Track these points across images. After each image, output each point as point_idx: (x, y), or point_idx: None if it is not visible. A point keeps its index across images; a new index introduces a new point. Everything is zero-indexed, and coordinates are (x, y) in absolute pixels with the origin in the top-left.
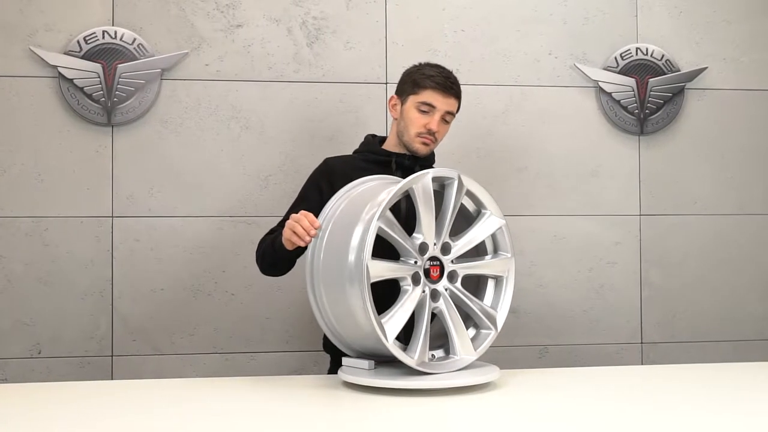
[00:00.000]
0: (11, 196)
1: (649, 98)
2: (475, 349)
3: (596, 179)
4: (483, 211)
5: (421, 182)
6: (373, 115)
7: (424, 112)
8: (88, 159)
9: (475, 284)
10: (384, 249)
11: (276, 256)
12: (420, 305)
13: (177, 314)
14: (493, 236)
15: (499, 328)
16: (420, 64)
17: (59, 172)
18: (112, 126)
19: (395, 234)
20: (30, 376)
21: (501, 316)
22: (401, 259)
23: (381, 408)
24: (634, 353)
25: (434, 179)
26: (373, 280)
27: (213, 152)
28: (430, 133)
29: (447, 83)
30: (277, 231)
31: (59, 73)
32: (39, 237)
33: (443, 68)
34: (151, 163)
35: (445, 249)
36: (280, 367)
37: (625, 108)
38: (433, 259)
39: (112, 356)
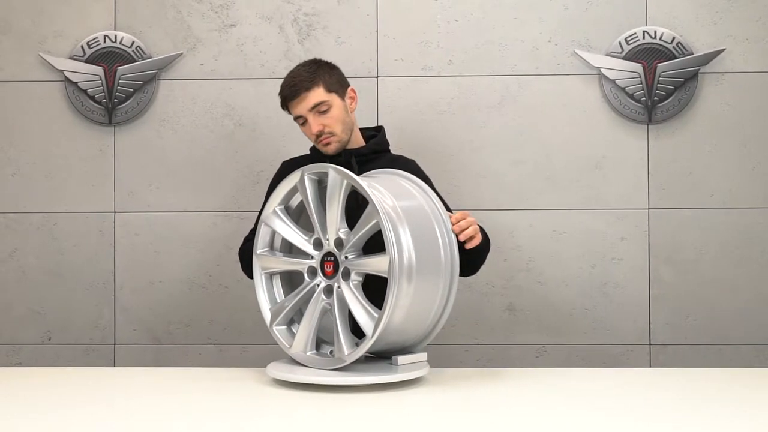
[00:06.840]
0: (23, 193)
1: (657, 84)
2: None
3: (600, 171)
4: None
5: (299, 179)
6: (364, 109)
7: (301, 123)
8: (92, 157)
9: None
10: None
11: None
12: (312, 299)
13: (174, 306)
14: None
15: (373, 334)
16: None
17: (66, 170)
18: (114, 126)
19: (283, 232)
20: (41, 361)
21: (380, 322)
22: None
23: (307, 403)
24: (641, 355)
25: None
26: (265, 272)
27: (208, 149)
28: (320, 135)
29: (289, 90)
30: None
31: (65, 77)
32: (49, 231)
33: (291, 72)
34: (150, 161)
35: (342, 244)
36: (272, 359)
37: (630, 95)
38: (330, 254)
39: (114, 344)
